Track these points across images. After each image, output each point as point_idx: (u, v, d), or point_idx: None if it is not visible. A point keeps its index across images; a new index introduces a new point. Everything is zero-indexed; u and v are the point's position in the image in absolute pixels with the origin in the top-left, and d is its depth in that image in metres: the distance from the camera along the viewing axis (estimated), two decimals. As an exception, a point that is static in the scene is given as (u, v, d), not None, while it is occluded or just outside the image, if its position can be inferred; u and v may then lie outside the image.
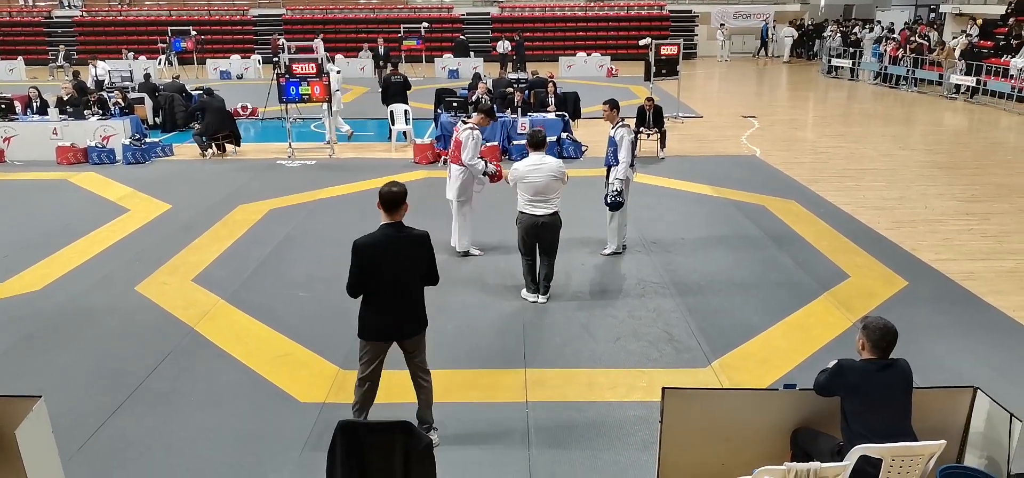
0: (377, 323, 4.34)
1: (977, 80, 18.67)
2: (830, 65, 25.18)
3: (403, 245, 4.27)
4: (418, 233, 4.34)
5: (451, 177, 7.80)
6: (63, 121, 13.21)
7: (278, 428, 4.80)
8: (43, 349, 5.91)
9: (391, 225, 4.27)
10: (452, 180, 7.78)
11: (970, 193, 10.35)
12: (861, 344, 3.71)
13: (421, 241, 4.32)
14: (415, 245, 4.30)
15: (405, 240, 4.28)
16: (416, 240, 4.31)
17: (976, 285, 7.04)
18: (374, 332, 4.36)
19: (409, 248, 4.28)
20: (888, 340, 3.62)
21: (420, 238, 4.32)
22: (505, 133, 12.87)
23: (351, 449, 3.29)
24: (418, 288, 4.39)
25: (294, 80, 12.51)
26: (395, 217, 4.27)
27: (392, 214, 4.26)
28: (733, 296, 6.85)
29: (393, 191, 4.26)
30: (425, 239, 4.34)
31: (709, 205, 9.85)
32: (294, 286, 7.11)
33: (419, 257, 4.32)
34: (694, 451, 3.94)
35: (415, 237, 4.31)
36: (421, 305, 4.44)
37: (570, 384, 5.32)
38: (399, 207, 4.27)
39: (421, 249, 4.32)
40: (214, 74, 25.15)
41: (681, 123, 15.97)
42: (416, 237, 4.31)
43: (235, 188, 10.82)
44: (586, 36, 30.86)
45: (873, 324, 3.68)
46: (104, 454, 4.53)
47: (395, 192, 4.26)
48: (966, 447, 3.95)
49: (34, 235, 8.71)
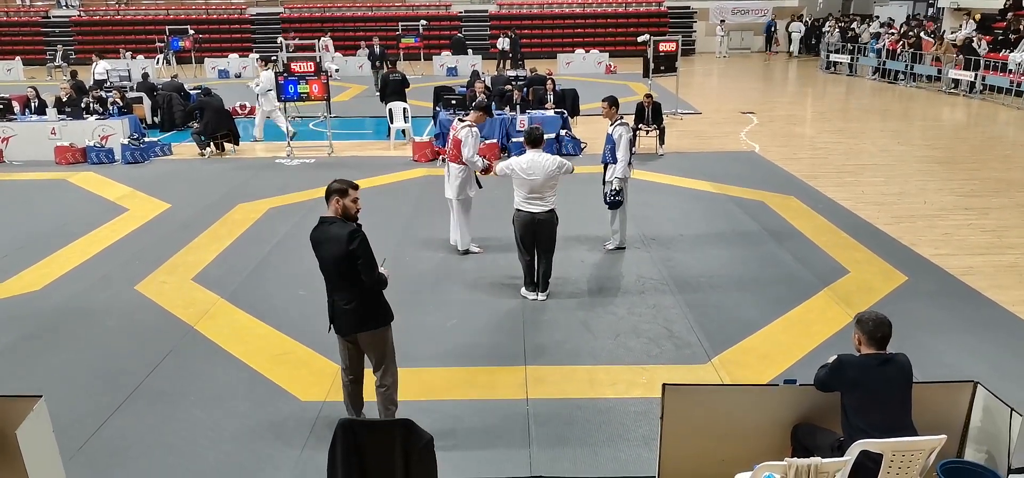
0: (329, 313, 4.41)
1: (975, 75, 18.67)
2: (829, 61, 25.17)
3: (330, 239, 4.22)
4: (346, 226, 4.20)
5: (450, 176, 7.79)
6: (61, 121, 13.20)
7: (278, 426, 4.80)
8: (43, 349, 5.91)
9: (324, 218, 4.30)
10: (451, 179, 7.77)
11: (969, 188, 10.35)
12: (858, 340, 3.72)
13: (347, 236, 4.16)
14: (340, 239, 4.17)
15: (332, 235, 4.21)
16: (340, 234, 4.19)
17: (976, 280, 7.05)
18: (330, 321, 4.44)
19: (335, 242, 4.20)
20: (883, 332, 3.63)
21: (347, 232, 4.17)
22: (504, 130, 12.87)
23: (351, 447, 3.30)
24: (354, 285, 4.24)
25: (293, 78, 12.50)
26: (328, 211, 4.28)
27: (327, 207, 4.28)
28: (733, 292, 6.85)
29: (330, 184, 4.28)
30: (350, 235, 4.16)
31: (708, 201, 9.85)
32: (294, 284, 7.11)
33: (344, 251, 4.16)
34: (695, 447, 3.94)
35: (340, 230, 4.19)
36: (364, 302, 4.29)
37: (570, 381, 5.33)
38: (329, 200, 4.26)
39: (346, 243, 4.15)
40: (212, 73, 25.12)
41: (680, 119, 15.97)
42: (341, 230, 4.19)
43: (234, 187, 10.82)
44: (585, 33, 30.81)
45: (867, 318, 3.70)
46: (104, 453, 4.53)
47: (330, 185, 4.27)
48: (966, 442, 3.95)
49: (33, 235, 8.71)
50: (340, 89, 20.81)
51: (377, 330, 4.38)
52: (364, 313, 4.33)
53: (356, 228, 4.22)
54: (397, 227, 8.77)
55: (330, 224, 4.24)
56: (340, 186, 4.24)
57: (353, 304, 4.28)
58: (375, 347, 4.42)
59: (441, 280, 7.24)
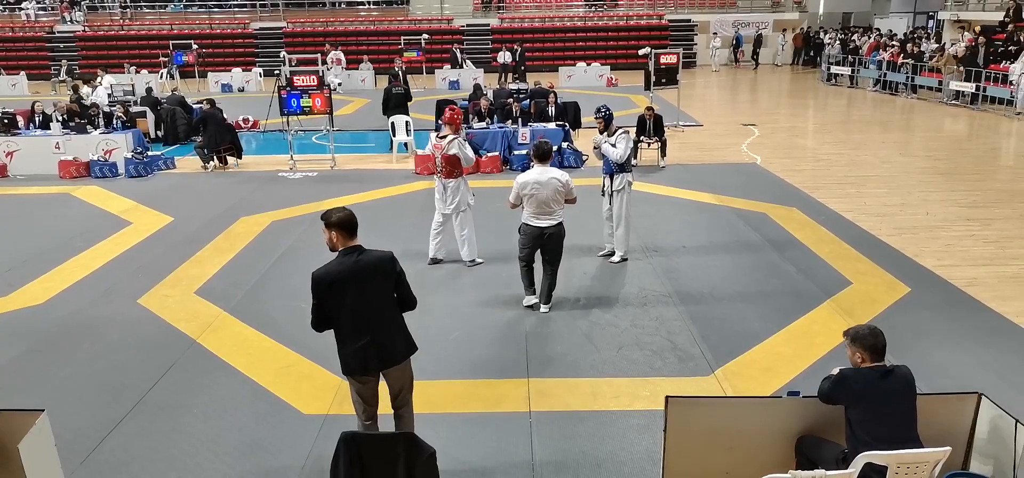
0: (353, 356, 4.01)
1: (976, 86, 18.71)
2: (829, 73, 25.24)
3: (367, 270, 3.95)
4: (381, 254, 4.04)
5: (447, 193, 7.68)
6: (65, 135, 13.26)
7: (281, 440, 4.79)
8: (46, 363, 5.91)
9: (349, 249, 3.96)
10: (449, 196, 7.67)
11: (971, 199, 10.34)
12: (855, 356, 3.71)
13: (386, 263, 4.01)
14: (380, 268, 3.99)
15: (369, 265, 3.96)
16: (380, 262, 4.00)
17: (979, 291, 7.03)
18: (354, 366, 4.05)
19: (374, 272, 3.96)
20: (880, 341, 3.66)
21: (385, 260, 4.01)
22: (506, 143, 12.91)
23: (354, 460, 3.29)
24: (392, 312, 4.08)
25: (295, 92, 12.55)
26: (351, 241, 3.98)
27: (350, 238, 3.98)
28: (735, 304, 6.84)
29: (347, 213, 3.96)
30: (391, 260, 4.03)
31: (710, 213, 9.85)
32: (296, 298, 7.10)
33: (386, 281, 4.01)
34: (698, 460, 3.92)
35: (378, 259, 4.00)
36: (399, 331, 4.12)
37: (573, 394, 5.31)
38: (356, 229, 3.99)
39: (388, 272, 4.01)
40: (215, 87, 25.24)
41: (681, 132, 16.00)
42: (379, 259, 4.00)
43: (237, 200, 10.84)
44: (586, 46, 30.92)
45: (863, 332, 3.71)
46: (107, 467, 4.52)
47: (349, 214, 3.96)
48: (971, 453, 3.93)
49: (37, 249, 8.73)
50: (343, 103, 20.89)
51: (409, 357, 4.21)
52: (406, 340, 4.15)
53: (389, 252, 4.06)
54: (399, 240, 8.77)
55: (359, 253, 3.96)
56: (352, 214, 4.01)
57: (394, 335, 4.08)
58: (405, 373, 4.22)
59: (443, 292, 7.24)
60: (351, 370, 4.08)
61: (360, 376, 4.09)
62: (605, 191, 7.86)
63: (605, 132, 7.69)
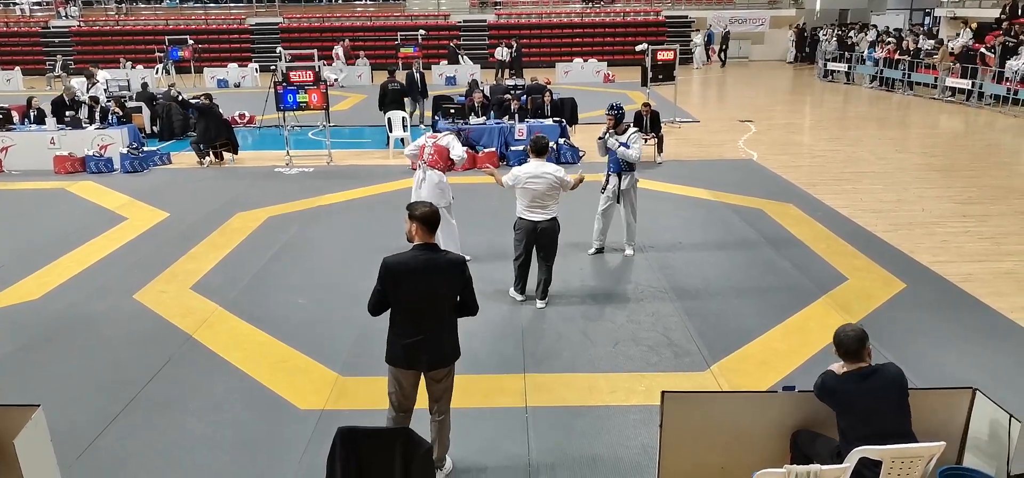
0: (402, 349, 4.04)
1: (972, 83, 18.74)
2: (826, 69, 25.26)
3: (439, 270, 4.00)
4: (454, 257, 4.13)
5: (428, 183, 7.49)
6: (61, 130, 13.21)
7: (277, 435, 4.79)
8: (41, 358, 5.90)
9: (425, 246, 4.02)
10: (428, 187, 7.46)
11: (967, 195, 10.37)
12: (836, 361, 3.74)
13: (458, 267, 4.05)
14: (451, 271, 4.03)
15: (442, 265, 4.02)
16: (452, 266, 4.04)
17: (974, 287, 7.05)
18: (400, 358, 4.07)
19: (445, 274, 4.01)
20: (853, 346, 3.65)
21: (457, 263, 4.07)
22: (503, 139, 12.90)
23: (350, 455, 3.29)
24: (450, 316, 4.12)
25: (291, 88, 12.52)
26: (430, 238, 4.03)
27: (429, 234, 4.02)
28: (731, 299, 6.86)
29: (431, 210, 4.03)
30: (462, 265, 4.08)
31: (707, 209, 9.86)
32: (293, 293, 7.10)
33: (455, 284, 4.04)
34: (694, 454, 3.94)
35: (451, 262, 4.06)
36: (452, 335, 4.16)
37: (569, 388, 5.32)
38: (437, 227, 4.06)
39: (458, 276, 4.04)
40: (211, 83, 25.16)
41: (678, 128, 16.01)
42: (452, 262, 4.06)
43: (233, 196, 10.82)
44: (583, 42, 30.91)
45: (838, 335, 3.74)
46: (103, 463, 4.52)
47: (432, 211, 4.03)
48: (966, 448, 3.95)
49: (32, 244, 8.70)
50: (339, 98, 20.86)
51: (453, 362, 4.23)
52: (454, 345, 4.18)
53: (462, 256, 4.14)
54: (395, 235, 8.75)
55: (433, 252, 4.01)
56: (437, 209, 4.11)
57: (445, 337, 4.11)
58: (449, 377, 4.22)
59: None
60: (396, 361, 4.09)
61: (404, 369, 4.10)
62: (610, 190, 7.81)
63: (614, 129, 7.68)
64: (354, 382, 5.43)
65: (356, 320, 6.15)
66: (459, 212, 8.00)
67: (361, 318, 4.09)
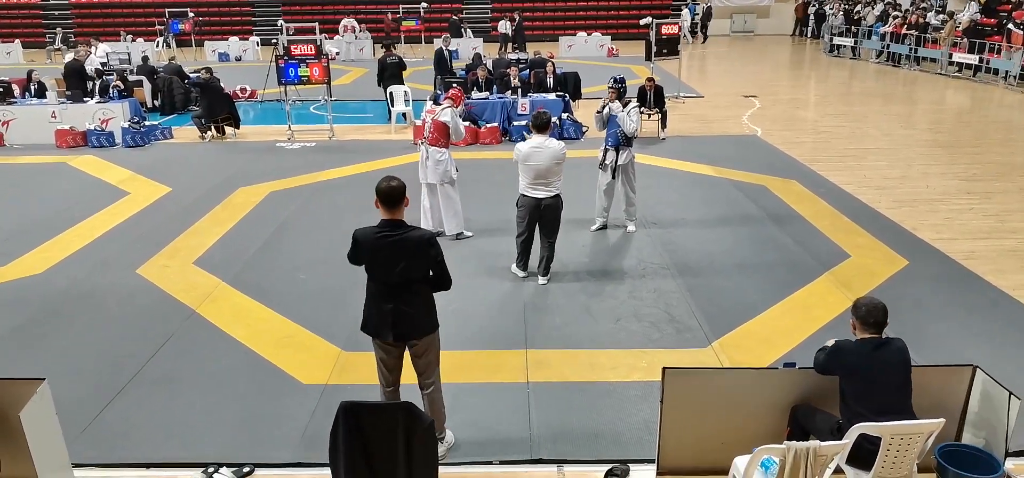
0: (374, 319, 4.08)
1: (979, 58, 18.56)
2: (832, 44, 25.02)
3: (405, 249, 3.92)
4: (422, 234, 4.02)
5: (429, 161, 7.57)
6: (62, 105, 13.18)
7: (280, 409, 4.82)
8: (45, 333, 5.93)
9: (390, 223, 3.93)
10: (431, 163, 7.56)
11: (971, 172, 10.32)
12: (854, 326, 3.74)
13: (425, 244, 3.97)
14: (418, 249, 3.95)
15: (408, 244, 3.93)
16: (420, 243, 3.96)
17: (977, 264, 7.04)
18: (372, 327, 4.12)
19: (411, 252, 3.94)
20: (876, 317, 3.65)
21: (424, 240, 3.98)
22: (505, 114, 12.83)
23: (353, 430, 3.31)
24: (419, 291, 4.06)
25: (293, 62, 12.45)
26: (395, 214, 3.94)
27: (392, 211, 3.93)
28: (733, 276, 6.85)
29: (392, 185, 3.91)
30: (430, 241, 3.99)
31: (710, 185, 9.83)
32: (295, 268, 7.12)
33: (423, 262, 3.98)
34: (694, 430, 3.96)
35: (419, 239, 3.96)
36: (425, 308, 4.11)
37: (571, 364, 5.34)
38: (399, 203, 3.93)
39: (425, 253, 3.96)
40: (212, 56, 25.02)
41: (682, 103, 15.91)
42: (420, 239, 3.97)
43: (235, 170, 10.80)
44: (586, 16, 30.62)
45: (861, 303, 3.74)
46: (107, 436, 4.56)
47: (394, 186, 3.91)
48: (965, 425, 3.97)
49: (34, 219, 8.71)
50: (341, 72, 20.73)
51: (433, 332, 4.21)
52: (430, 317, 4.15)
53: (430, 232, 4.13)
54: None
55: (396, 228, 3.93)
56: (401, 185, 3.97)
57: (417, 309, 4.06)
58: (430, 350, 4.21)
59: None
60: (367, 328, 4.15)
61: (376, 340, 4.14)
62: (608, 165, 7.78)
63: (616, 102, 7.66)
64: (357, 357, 5.45)
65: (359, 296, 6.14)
66: (462, 187, 7.96)
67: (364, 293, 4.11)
